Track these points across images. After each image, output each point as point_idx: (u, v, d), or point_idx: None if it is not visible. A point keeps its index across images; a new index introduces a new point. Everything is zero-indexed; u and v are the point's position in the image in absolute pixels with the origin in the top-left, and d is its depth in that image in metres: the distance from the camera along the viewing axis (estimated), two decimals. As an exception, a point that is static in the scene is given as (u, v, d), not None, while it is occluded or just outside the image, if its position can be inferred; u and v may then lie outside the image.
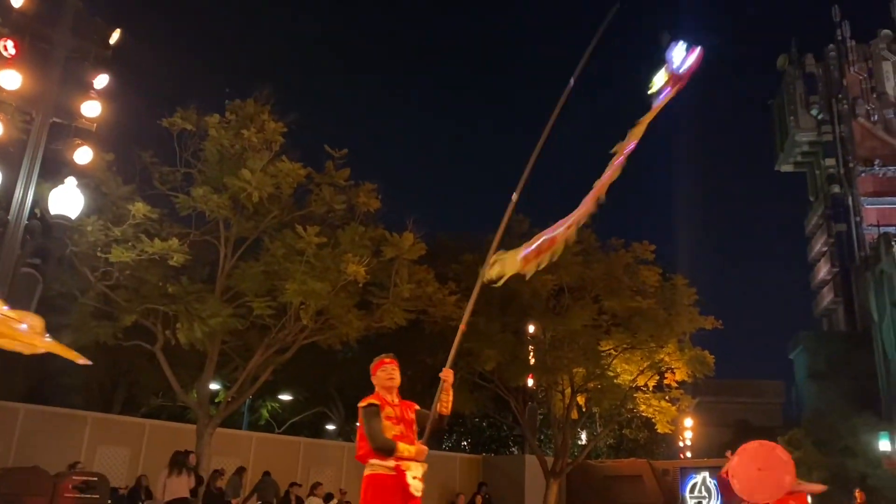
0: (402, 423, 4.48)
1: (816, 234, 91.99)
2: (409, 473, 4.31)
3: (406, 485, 4.25)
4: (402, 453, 4.35)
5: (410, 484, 4.29)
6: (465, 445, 27.27)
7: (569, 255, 15.36)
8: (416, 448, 4.42)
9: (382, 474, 4.29)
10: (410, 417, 4.58)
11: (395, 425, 4.44)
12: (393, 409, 4.50)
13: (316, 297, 11.10)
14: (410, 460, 4.35)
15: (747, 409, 68.89)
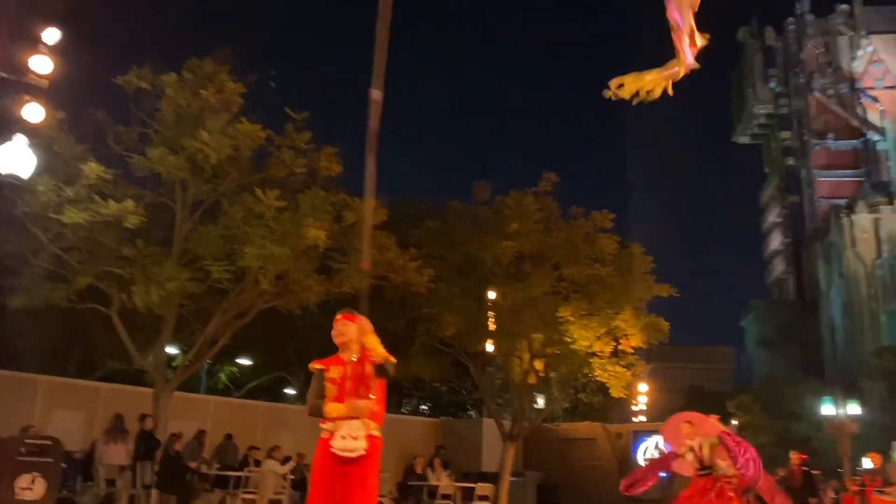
0: (351, 381, 4.30)
1: (770, 206, 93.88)
2: (337, 434, 4.17)
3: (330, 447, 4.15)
4: (330, 413, 4.22)
5: (332, 445, 4.16)
6: (424, 409, 27.58)
7: (530, 224, 15.48)
8: (346, 405, 4.22)
9: (321, 437, 4.27)
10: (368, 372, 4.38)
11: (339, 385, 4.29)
12: (344, 367, 4.34)
13: (275, 261, 11.01)
14: (341, 419, 4.20)
15: (699, 375, 70.93)
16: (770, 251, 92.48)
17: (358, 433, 4.18)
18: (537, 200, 15.68)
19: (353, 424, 4.19)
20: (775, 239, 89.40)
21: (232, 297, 12.23)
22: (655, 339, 16.43)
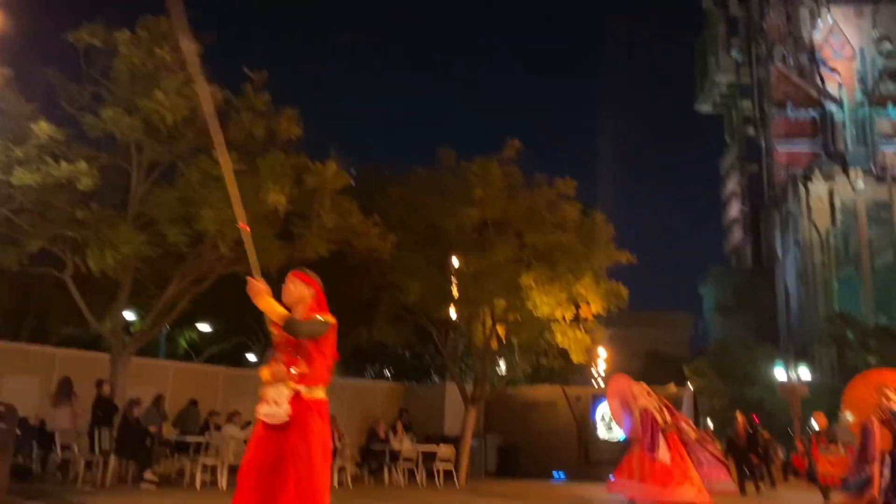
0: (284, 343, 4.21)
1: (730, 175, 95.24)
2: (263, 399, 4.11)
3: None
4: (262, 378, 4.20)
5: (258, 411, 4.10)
6: (387, 374, 27.68)
7: (494, 191, 15.45)
8: (270, 370, 4.17)
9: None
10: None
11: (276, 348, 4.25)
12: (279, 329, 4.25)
13: (233, 225, 10.82)
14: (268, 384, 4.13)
15: (657, 340, 72.39)
16: (729, 219, 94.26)
17: (280, 398, 4.04)
18: (501, 167, 15.63)
19: (278, 389, 4.07)
20: (734, 207, 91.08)
21: (190, 262, 12.03)
22: (615, 305, 16.63)
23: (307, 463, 3.90)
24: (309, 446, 3.95)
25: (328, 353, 4.24)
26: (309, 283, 4.40)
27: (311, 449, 3.95)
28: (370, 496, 11.46)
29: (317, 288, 4.42)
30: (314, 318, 4.22)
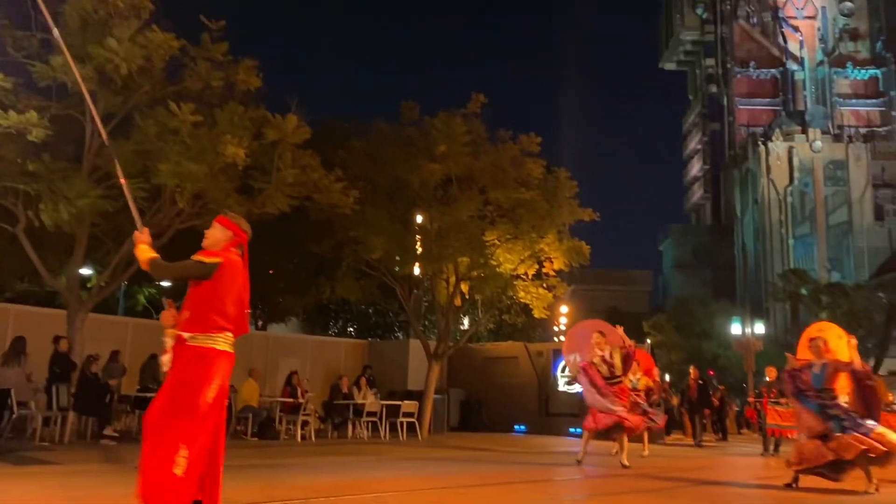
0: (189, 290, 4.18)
1: (692, 133, 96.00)
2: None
3: None
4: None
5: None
6: (351, 331, 27.73)
7: (458, 146, 15.33)
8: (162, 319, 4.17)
9: None
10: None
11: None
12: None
13: (192, 179, 10.58)
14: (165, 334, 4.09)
15: (618, 297, 73.55)
16: (690, 177, 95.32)
17: (167, 345, 4.01)
18: (465, 122, 15.50)
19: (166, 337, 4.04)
20: (695, 165, 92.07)
21: (148, 217, 11.75)
22: (577, 262, 16.78)
23: (171, 414, 3.77)
24: (174, 395, 3.82)
25: (215, 298, 3.99)
26: (226, 227, 4.23)
27: (176, 398, 3.81)
28: (333, 450, 11.54)
29: (236, 232, 4.23)
30: (188, 261, 4.06)
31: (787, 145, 70.14)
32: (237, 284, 4.08)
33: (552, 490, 6.91)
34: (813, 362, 7.52)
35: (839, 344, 7.71)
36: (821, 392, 7.32)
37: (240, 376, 14.90)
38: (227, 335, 3.99)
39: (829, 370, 7.33)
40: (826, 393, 7.29)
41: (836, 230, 68.18)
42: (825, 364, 7.39)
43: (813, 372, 7.43)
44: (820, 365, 7.42)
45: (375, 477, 7.41)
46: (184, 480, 3.68)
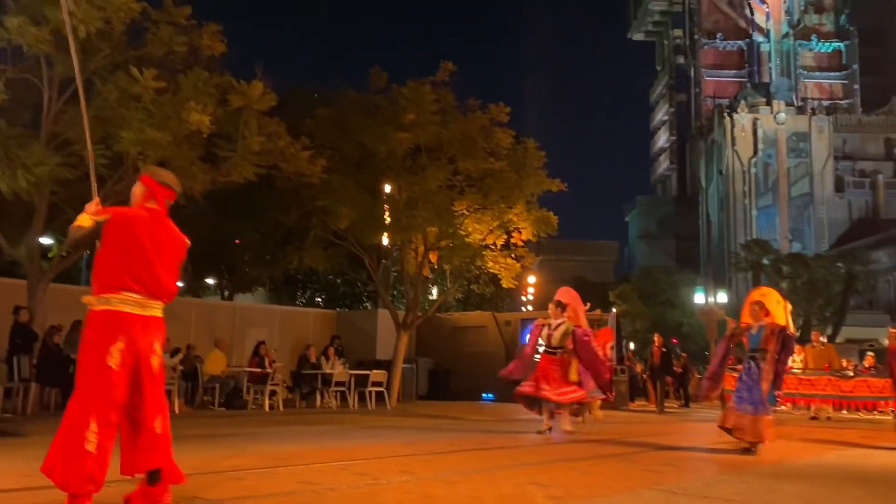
0: None
1: (660, 104, 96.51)
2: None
3: None
4: None
5: None
6: (319, 301, 27.63)
7: (427, 115, 15.22)
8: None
9: None
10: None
11: None
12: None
13: (155, 146, 10.36)
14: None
15: (585, 267, 74.29)
16: (656, 148, 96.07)
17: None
18: (434, 91, 15.37)
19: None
20: (662, 136, 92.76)
21: (110, 185, 11.51)
22: (545, 232, 16.88)
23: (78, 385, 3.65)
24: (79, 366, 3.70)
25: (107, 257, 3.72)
26: (143, 182, 3.94)
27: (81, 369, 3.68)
28: (301, 419, 11.57)
29: (149, 185, 3.90)
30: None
31: (751, 117, 70.93)
32: (141, 240, 3.73)
33: (519, 456, 7.02)
34: (752, 325, 7.96)
35: (777, 309, 8.09)
36: (755, 352, 7.78)
37: (206, 347, 14.82)
38: (127, 295, 3.67)
39: (766, 332, 7.78)
40: (760, 353, 7.73)
41: (797, 201, 69.45)
42: (762, 326, 7.84)
43: (751, 333, 7.91)
44: (758, 327, 7.87)
45: (343, 445, 7.45)
46: (94, 457, 3.46)
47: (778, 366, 7.74)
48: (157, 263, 3.77)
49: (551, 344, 9.54)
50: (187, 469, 5.32)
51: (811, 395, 15.33)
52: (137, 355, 3.69)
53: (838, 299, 42.20)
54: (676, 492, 4.94)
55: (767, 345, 7.75)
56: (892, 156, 71.67)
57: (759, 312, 7.94)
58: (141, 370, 3.71)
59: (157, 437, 3.75)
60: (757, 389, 7.59)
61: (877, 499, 4.91)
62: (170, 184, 3.99)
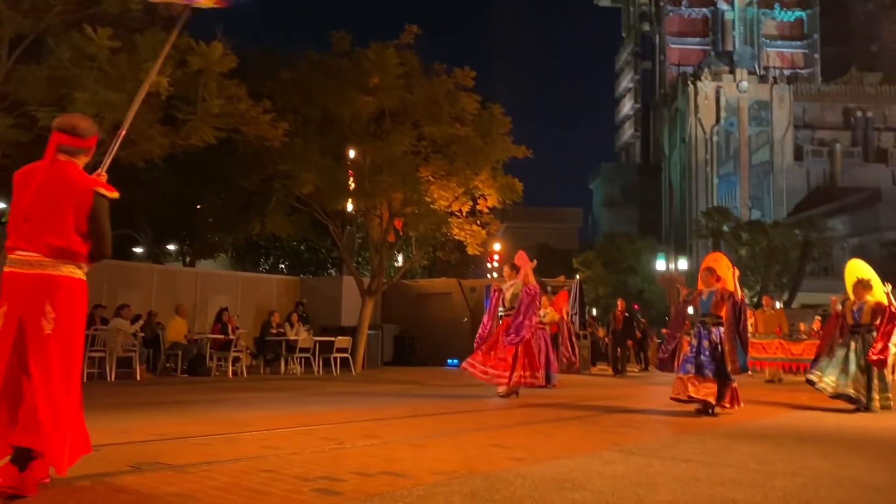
0: None
1: (625, 71, 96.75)
2: None
3: None
4: None
5: None
6: (282, 268, 27.42)
7: (391, 79, 15.03)
8: None
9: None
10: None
11: None
12: None
13: (112, 108, 10.06)
14: None
15: (549, 234, 74.77)
16: (621, 116, 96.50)
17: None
18: (399, 54, 15.15)
19: None
20: (627, 104, 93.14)
21: (64, 148, 11.19)
22: (510, 199, 16.92)
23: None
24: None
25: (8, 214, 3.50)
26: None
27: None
28: (266, 385, 11.54)
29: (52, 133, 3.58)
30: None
31: (714, 85, 71.51)
32: (24, 195, 3.44)
33: (483, 419, 7.10)
34: (703, 290, 8.06)
35: (727, 274, 8.18)
36: (705, 317, 7.87)
37: (168, 314, 14.65)
38: (18, 254, 3.38)
39: (716, 297, 7.88)
40: (710, 318, 7.83)
41: (757, 169, 70.56)
42: (713, 292, 7.94)
43: (702, 299, 8.01)
44: (708, 293, 7.97)
45: (308, 410, 7.45)
46: None
47: (740, 334, 7.81)
48: (38, 215, 3.40)
49: (505, 306, 9.69)
50: (150, 436, 5.29)
51: (763, 358, 15.79)
52: (21, 319, 3.30)
53: (795, 265, 43.25)
54: (635, 452, 5.05)
55: (717, 310, 7.85)
56: (849, 125, 73.08)
57: (710, 278, 8.03)
58: (27, 335, 3.29)
59: (40, 413, 3.19)
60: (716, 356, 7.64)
61: (826, 457, 5.08)
62: (63, 127, 3.55)
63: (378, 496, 3.39)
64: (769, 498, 3.60)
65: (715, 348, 7.69)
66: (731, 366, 7.66)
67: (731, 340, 7.75)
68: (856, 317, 8.87)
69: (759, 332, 15.96)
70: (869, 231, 56.93)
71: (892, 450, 5.61)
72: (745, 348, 7.90)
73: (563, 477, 4.00)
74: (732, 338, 7.76)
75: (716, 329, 7.78)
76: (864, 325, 8.79)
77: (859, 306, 8.90)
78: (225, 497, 3.31)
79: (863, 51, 78.83)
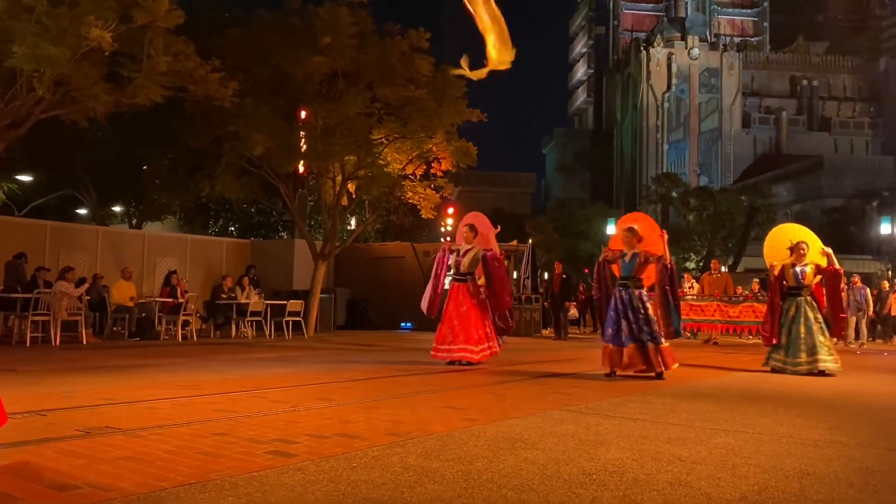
0: None
1: (579, 36, 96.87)
2: None
3: None
4: None
5: None
6: (232, 231, 26.98)
7: (344, 38, 14.74)
8: None
9: None
10: None
11: None
12: None
13: (52, 63, 9.67)
14: None
15: (503, 199, 75.09)
16: (574, 81, 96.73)
17: None
18: (352, 13, 14.85)
19: None
20: (580, 69, 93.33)
21: (2, 105, 10.74)
22: (464, 163, 16.88)
23: None
24: None
25: None
26: None
27: None
28: (217, 349, 11.43)
29: None
30: None
31: (666, 51, 72.13)
32: None
33: (436, 381, 7.17)
34: (625, 251, 7.72)
35: (651, 235, 7.93)
36: (627, 280, 7.57)
37: (114, 276, 14.32)
38: None
39: (640, 260, 7.58)
40: (632, 281, 7.56)
41: (706, 136, 71.78)
42: (636, 254, 7.62)
43: (624, 261, 7.67)
44: (631, 254, 7.64)
45: (260, 374, 7.41)
46: None
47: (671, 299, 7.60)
48: None
49: (460, 271, 9.08)
50: (98, 400, 5.20)
51: (701, 320, 16.17)
52: None
53: (740, 231, 44.36)
54: (585, 412, 5.16)
55: (640, 273, 7.58)
56: (796, 94, 74.68)
57: (632, 239, 7.71)
58: None
59: None
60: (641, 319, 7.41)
61: (767, 415, 5.28)
62: None
63: (333, 458, 3.41)
64: (713, 454, 3.73)
65: (638, 312, 7.42)
66: (665, 330, 7.49)
67: (663, 305, 7.55)
68: (798, 279, 8.84)
69: (704, 295, 16.35)
70: (811, 198, 58.69)
71: (828, 408, 5.86)
72: (678, 312, 7.69)
73: (515, 436, 4.08)
74: (665, 302, 7.55)
75: (638, 292, 7.52)
76: (806, 286, 8.78)
77: (801, 268, 8.89)
78: (177, 460, 3.29)
79: (810, 20, 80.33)
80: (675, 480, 3.13)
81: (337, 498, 2.72)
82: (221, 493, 2.74)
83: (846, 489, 3.08)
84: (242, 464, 3.23)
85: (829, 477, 3.30)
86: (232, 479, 2.96)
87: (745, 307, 15.68)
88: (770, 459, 3.64)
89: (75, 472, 3.01)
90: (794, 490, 3.03)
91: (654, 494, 2.89)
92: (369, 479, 3.00)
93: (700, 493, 2.92)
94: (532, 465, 3.37)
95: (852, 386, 7.74)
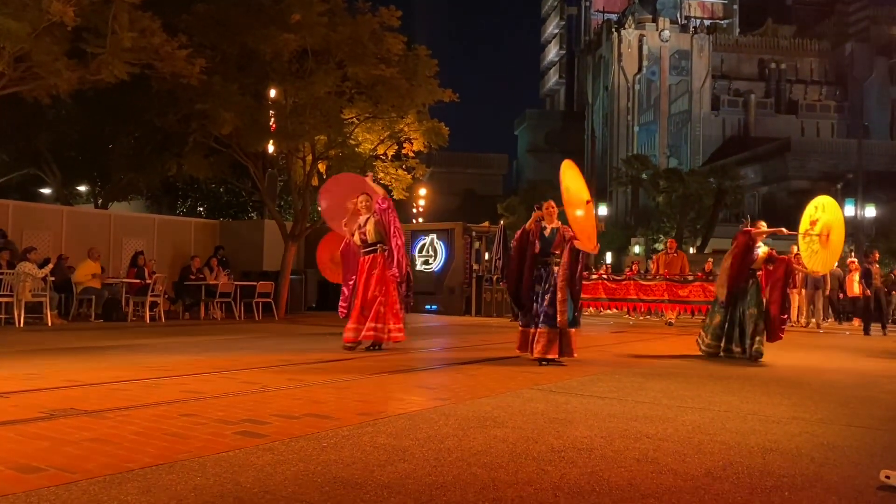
0: None
1: (551, 17, 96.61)
2: None
3: None
4: None
5: None
6: (200, 211, 26.64)
7: (314, 16, 14.52)
8: None
9: None
10: None
11: None
12: None
13: (12, 38, 9.40)
14: None
15: (474, 180, 75.18)
16: (546, 62, 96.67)
17: None
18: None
19: None
20: (552, 50, 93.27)
21: (-40, 81, 10.45)
22: (436, 143, 16.80)
23: None
24: None
25: None
26: None
27: None
28: (185, 330, 11.31)
29: None
30: None
31: (638, 33, 72.34)
32: None
33: (407, 362, 7.17)
34: (545, 225, 7.41)
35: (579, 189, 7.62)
36: (547, 256, 7.23)
37: (80, 257, 14.07)
38: None
39: (559, 237, 7.27)
40: (552, 257, 7.24)
41: (676, 118, 72.30)
42: (556, 229, 7.34)
43: (544, 235, 7.33)
44: (551, 229, 7.36)
45: (229, 355, 7.36)
46: None
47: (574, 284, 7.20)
48: None
49: (368, 241, 8.33)
50: (63, 382, 5.12)
51: (650, 300, 15.84)
52: None
53: (709, 212, 44.91)
54: (554, 391, 5.21)
55: (558, 248, 7.23)
56: (764, 76, 75.44)
57: (553, 214, 7.40)
58: None
59: None
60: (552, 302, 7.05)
61: (733, 393, 5.37)
62: None
63: (303, 438, 3.40)
64: (679, 431, 3.79)
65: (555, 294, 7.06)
66: (560, 317, 7.01)
67: (563, 290, 7.06)
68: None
69: (658, 274, 16.14)
70: (778, 180, 59.56)
71: (792, 386, 5.99)
72: (575, 301, 7.25)
73: (485, 415, 4.10)
74: (565, 287, 7.07)
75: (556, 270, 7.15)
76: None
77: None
78: (144, 441, 3.25)
79: (779, 3, 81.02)
80: (642, 457, 3.17)
81: (307, 478, 2.71)
82: (190, 473, 2.72)
83: (808, 464, 3.15)
84: (211, 444, 3.21)
85: (792, 452, 3.37)
86: (200, 459, 2.94)
87: (694, 287, 15.24)
88: (735, 436, 3.71)
89: (39, 455, 2.96)
90: (757, 465, 3.09)
91: (622, 471, 2.92)
92: (339, 459, 3.00)
93: (667, 470, 2.96)
94: (502, 443, 3.39)
95: (815, 364, 7.91)
